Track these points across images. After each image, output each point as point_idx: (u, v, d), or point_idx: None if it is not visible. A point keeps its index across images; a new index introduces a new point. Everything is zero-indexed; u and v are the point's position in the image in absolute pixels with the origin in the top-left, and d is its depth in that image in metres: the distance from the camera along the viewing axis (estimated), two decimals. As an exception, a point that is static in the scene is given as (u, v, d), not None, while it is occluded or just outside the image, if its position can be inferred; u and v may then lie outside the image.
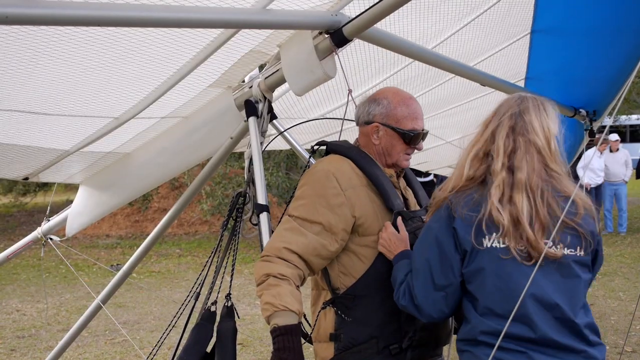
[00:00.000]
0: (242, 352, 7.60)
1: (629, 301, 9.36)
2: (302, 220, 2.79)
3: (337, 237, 2.79)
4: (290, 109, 4.45)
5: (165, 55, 2.85)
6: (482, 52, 4.21)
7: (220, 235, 3.52)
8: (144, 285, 11.59)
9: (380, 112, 2.97)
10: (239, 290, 10.78)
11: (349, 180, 2.85)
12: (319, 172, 2.88)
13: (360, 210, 2.83)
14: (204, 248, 15.66)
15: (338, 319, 2.87)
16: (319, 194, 2.81)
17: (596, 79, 4.42)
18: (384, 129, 2.97)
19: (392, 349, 2.84)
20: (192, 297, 3.51)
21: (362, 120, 3.04)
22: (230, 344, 3.14)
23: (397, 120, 2.96)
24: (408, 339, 2.84)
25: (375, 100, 3.01)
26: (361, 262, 2.85)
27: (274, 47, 3.12)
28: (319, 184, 2.83)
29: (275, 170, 15.63)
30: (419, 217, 2.97)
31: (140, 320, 9.38)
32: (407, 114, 2.97)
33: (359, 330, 2.84)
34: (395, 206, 2.88)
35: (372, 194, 2.89)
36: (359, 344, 2.84)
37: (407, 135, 2.96)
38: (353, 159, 2.95)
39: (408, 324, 2.84)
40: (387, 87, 3.13)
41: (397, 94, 3.03)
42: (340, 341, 2.86)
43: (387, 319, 2.84)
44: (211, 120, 3.67)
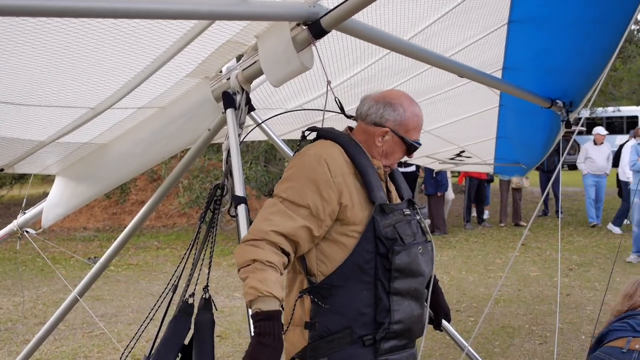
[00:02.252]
0: (220, 344, 7.59)
1: (604, 291, 9.44)
2: (290, 203, 2.80)
3: (323, 223, 2.81)
4: (268, 99, 4.44)
5: (142, 45, 2.83)
6: (459, 43, 4.22)
7: (198, 228, 3.50)
8: (121, 278, 11.54)
9: (394, 119, 3.02)
10: (217, 283, 10.76)
11: (339, 167, 2.87)
12: (311, 156, 2.88)
13: (346, 199, 2.84)
14: (182, 240, 15.60)
15: (314, 307, 2.88)
16: (309, 178, 2.82)
17: (573, 70, 4.44)
18: (392, 134, 3.01)
19: (365, 339, 2.86)
20: (169, 289, 3.49)
21: (371, 119, 3.05)
22: (208, 336, 3.14)
23: (407, 130, 3.03)
24: (382, 330, 2.86)
25: (392, 104, 3.04)
26: (340, 251, 2.86)
27: (251, 37, 3.11)
28: (310, 167, 2.84)
29: (254, 165, 15.59)
30: (400, 211, 2.98)
31: (118, 313, 9.33)
32: (416, 125, 3.06)
33: (334, 319, 2.86)
34: (378, 199, 2.90)
35: (358, 183, 2.91)
36: (333, 334, 2.86)
37: (412, 147, 3.08)
38: (344, 145, 2.97)
39: (383, 316, 2.86)
40: (402, 93, 3.16)
41: (412, 103, 3.09)
42: (315, 330, 2.88)
43: (362, 310, 2.86)
44: (188, 111, 3.66)
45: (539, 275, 10.89)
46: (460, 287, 10.32)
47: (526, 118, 5.77)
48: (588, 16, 3.81)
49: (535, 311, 8.79)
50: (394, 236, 2.87)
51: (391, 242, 2.85)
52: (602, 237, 14.50)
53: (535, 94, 4.59)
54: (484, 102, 5.71)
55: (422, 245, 2.99)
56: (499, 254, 13.02)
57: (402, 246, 2.87)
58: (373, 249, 2.85)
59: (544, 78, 4.64)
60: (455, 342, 4.46)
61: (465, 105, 5.77)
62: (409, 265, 2.89)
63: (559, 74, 4.56)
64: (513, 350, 7.21)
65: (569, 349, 7.15)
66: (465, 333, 7.51)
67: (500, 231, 15.90)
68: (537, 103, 4.66)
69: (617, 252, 5.35)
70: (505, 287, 10.08)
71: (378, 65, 4.22)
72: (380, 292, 2.86)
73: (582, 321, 8.18)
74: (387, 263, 2.84)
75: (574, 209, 19.18)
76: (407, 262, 2.87)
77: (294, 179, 2.85)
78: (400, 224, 2.93)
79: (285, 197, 2.81)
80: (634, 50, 21.41)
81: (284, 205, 2.80)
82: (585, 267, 11.44)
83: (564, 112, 4.81)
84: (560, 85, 4.65)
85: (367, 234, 2.86)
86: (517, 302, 9.27)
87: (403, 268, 2.86)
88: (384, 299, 2.86)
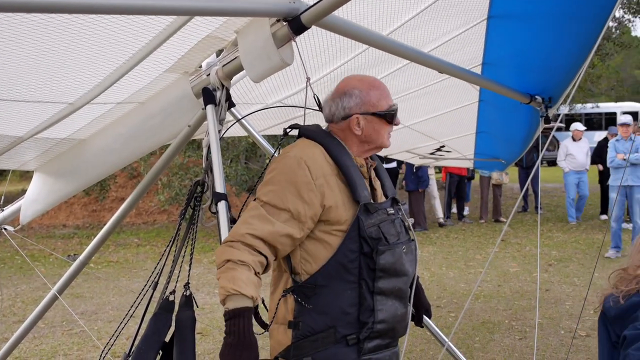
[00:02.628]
0: (201, 342, 7.58)
1: (584, 286, 9.52)
2: (271, 207, 2.77)
3: (304, 225, 2.79)
4: (247, 94, 4.43)
5: (121, 39, 2.81)
6: (439, 38, 4.22)
7: (179, 224, 3.49)
8: (101, 275, 11.49)
9: (356, 103, 2.98)
10: (198, 280, 10.74)
11: (320, 168, 2.84)
12: (291, 158, 2.85)
13: (330, 200, 2.82)
14: (162, 237, 15.56)
15: (298, 307, 2.86)
16: (290, 181, 2.79)
17: (552, 65, 4.46)
18: (363, 118, 2.98)
19: (349, 339, 2.85)
20: (150, 286, 3.47)
21: (338, 116, 3.02)
22: (189, 333, 3.12)
23: (374, 105, 2.98)
24: (366, 329, 2.85)
25: (346, 93, 3.01)
26: (325, 249, 2.84)
27: (231, 33, 3.09)
28: (290, 170, 2.81)
29: (234, 163, 15.56)
30: (384, 210, 2.97)
31: (98, 311, 9.28)
32: (379, 95, 3.00)
33: (318, 319, 2.84)
34: (362, 198, 2.87)
35: (341, 184, 2.88)
36: (316, 333, 2.84)
37: (389, 115, 3.00)
38: (325, 145, 2.94)
39: (366, 316, 2.85)
40: (349, 78, 3.12)
41: (363, 81, 3.04)
42: (299, 329, 2.85)
43: (346, 309, 2.84)
44: (168, 107, 3.64)
45: (518, 271, 10.96)
46: (441, 283, 10.36)
47: (506, 113, 5.79)
48: (566, 12, 3.83)
49: (515, 306, 8.84)
50: (379, 236, 2.85)
51: (375, 242, 2.83)
52: (581, 232, 14.61)
53: (515, 90, 4.60)
54: (463, 97, 5.73)
55: (406, 245, 2.98)
56: (479, 249, 13.09)
57: (387, 246, 2.86)
58: (357, 248, 2.83)
59: (523, 74, 4.66)
60: (435, 338, 4.47)
61: (445, 100, 5.79)
62: (393, 265, 2.88)
63: (538, 69, 4.58)
64: (493, 346, 7.25)
65: (549, 344, 7.20)
66: (445, 329, 7.54)
67: (481, 227, 15.99)
68: (517, 99, 4.68)
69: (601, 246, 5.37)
70: (485, 283, 10.13)
71: (358, 60, 4.22)
72: (364, 292, 2.84)
73: (562, 316, 8.24)
74: (371, 263, 2.83)
75: (553, 205, 19.32)
76: (391, 261, 2.86)
77: (275, 182, 2.82)
78: (385, 224, 2.91)
79: (265, 201, 2.79)
80: (611, 48, 21.58)
81: (264, 209, 2.77)
82: (564, 263, 11.52)
83: (543, 107, 4.84)
84: (540, 81, 4.68)
85: (351, 234, 2.84)
86: (497, 298, 9.32)
87: (387, 268, 2.85)
88: (368, 299, 2.85)
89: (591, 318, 8.04)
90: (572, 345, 7.01)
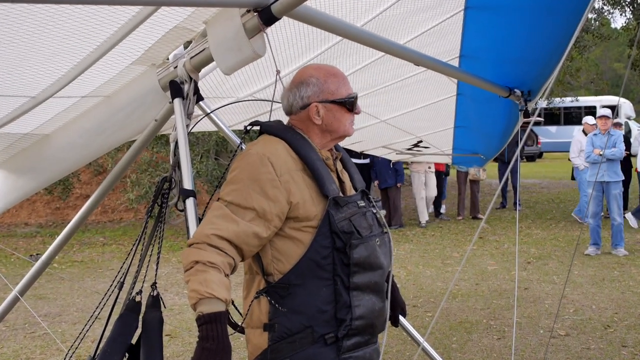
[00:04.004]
0: (169, 344, 7.55)
1: (563, 285, 9.61)
2: (235, 206, 2.76)
3: (271, 224, 2.78)
4: (217, 87, 4.41)
5: (85, 30, 2.78)
6: (415, 29, 4.23)
7: (145, 222, 3.48)
8: (65, 276, 11.40)
9: (313, 92, 2.98)
10: (166, 280, 10.70)
11: (284, 164, 2.83)
12: (253, 155, 2.84)
13: (296, 196, 2.82)
14: (129, 236, 15.47)
15: (272, 309, 2.86)
16: (253, 179, 2.78)
17: (531, 58, 4.49)
18: (322, 106, 2.97)
19: (327, 338, 2.85)
20: (116, 287, 3.46)
21: (296, 107, 3.03)
22: (157, 335, 3.12)
23: (333, 93, 2.98)
24: (344, 327, 2.85)
25: (303, 82, 3.01)
26: (296, 247, 2.84)
27: (199, 23, 3.08)
28: (253, 168, 2.81)
29: (204, 158, 15.49)
30: (354, 203, 2.98)
31: (62, 313, 9.22)
32: (337, 83, 3.00)
33: (294, 319, 2.84)
34: (330, 192, 2.87)
35: (308, 179, 2.88)
36: (293, 334, 2.84)
37: (349, 102, 3.00)
38: (288, 141, 2.94)
39: (344, 313, 2.85)
40: (305, 67, 3.13)
41: (320, 69, 3.05)
42: (275, 331, 2.85)
43: (322, 307, 2.84)
44: (134, 100, 3.61)
45: (496, 269, 11.04)
46: (417, 281, 10.41)
47: (484, 107, 5.82)
48: (545, 3, 3.86)
49: (493, 305, 8.90)
50: (350, 229, 2.86)
51: (348, 236, 2.84)
52: (560, 229, 14.75)
53: (493, 83, 4.63)
54: (441, 91, 5.75)
55: (379, 237, 2.99)
56: (457, 247, 13.17)
57: (360, 239, 2.86)
58: (330, 244, 2.83)
59: (502, 66, 4.69)
60: (411, 338, 4.49)
61: (422, 93, 5.80)
62: (368, 259, 2.88)
63: (517, 62, 4.61)
64: (471, 346, 7.30)
65: (527, 343, 7.26)
66: (422, 329, 7.58)
67: (458, 224, 16.08)
68: (495, 92, 4.71)
69: (576, 244, 5.42)
70: (462, 282, 10.20)
71: (331, 51, 4.22)
72: (339, 288, 2.85)
73: (541, 315, 8.31)
74: (345, 258, 2.83)
75: (532, 202, 19.49)
76: (365, 255, 2.87)
77: (238, 181, 2.82)
78: (356, 217, 2.92)
79: (229, 201, 2.78)
80: (590, 40, 21.80)
81: (229, 208, 2.77)
82: (543, 260, 11.62)
83: (522, 101, 4.87)
84: (518, 73, 4.70)
85: (322, 229, 2.84)
86: (475, 297, 9.38)
87: (362, 262, 2.86)
88: (344, 295, 2.85)
89: (570, 317, 8.13)
90: (551, 344, 7.08)
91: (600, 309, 8.52)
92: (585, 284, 9.79)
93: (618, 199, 12.03)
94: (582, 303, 8.79)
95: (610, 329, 7.70)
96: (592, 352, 6.95)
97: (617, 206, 12.01)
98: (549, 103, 31.38)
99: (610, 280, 9.98)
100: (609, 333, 7.55)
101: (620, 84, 47.60)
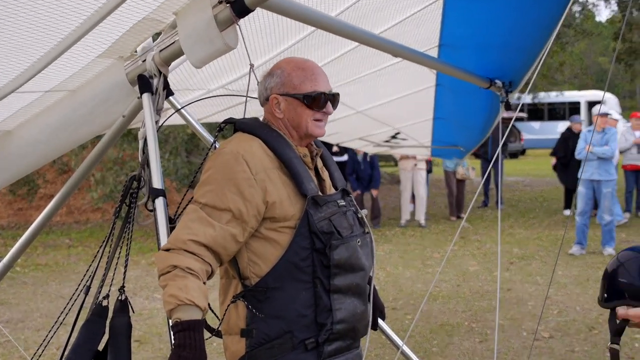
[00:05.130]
0: (139, 350, 7.51)
1: (547, 285, 9.65)
2: (210, 208, 2.75)
3: (248, 225, 2.77)
4: (187, 80, 4.38)
5: (48, 23, 2.75)
6: (392, 17, 4.22)
7: (113, 223, 3.45)
8: (28, 280, 11.31)
9: (276, 83, 2.98)
10: (136, 283, 10.64)
11: (260, 162, 2.82)
12: (227, 154, 2.83)
13: (273, 195, 2.81)
14: (96, 237, 15.36)
15: (249, 314, 2.85)
16: (228, 179, 2.77)
17: (512, 47, 4.50)
18: (283, 99, 2.96)
19: (308, 343, 2.84)
20: (82, 291, 3.43)
21: (262, 98, 3.04)
22: (125, 341, 3.10)
23: (295, 86, 2.95)
24: (325, 332, 2.85)
25: (270, 74, 3.02)
26: (273, 249, 2.83)
27: (169, 14, 3.06)
28: (228, 167, 2.79)
29: (172, 156, 15.41)
30: (334, 202, 2.97)
31: (25, 319, 9.14)
32: (303, 77, 2.96)
33: (272, 325, 2.83)
34: (309, 191, 2.87)
35: (285, 177, 2.88)
36: (272, 340, 2.83)
37: (308, 98, 2.95)
38: (263, 138, 2.93)
39: (324, 317, 2.85)
40: (283, 59, 3.12)
41: (290, 62, 3.04)
42: (253, 337, 2.84)
43: (302, 312, 2.84)
44: (100, 94, 3.57)
45: (478, 270, 11.10)
46: (397, 283, 10.43)
47: (464, 98, 5.84)
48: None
49: (474, 307, 8.95)
50: (330, 230, 2.85)
51: (328, 237, 2.83)
52: (543, 229, 14.85)
53: (474, 74, 4.64)
54: (419, 81, 5.76)
55: (360, 238, 2.98)
56: (437, 247, 13.21)
57: (340, 240, 2.85)
58: (309, 245, 2.83)
59: (483, 56, 4.70)
60: (390, 342, 4.49)
61: (400, 84, 5.81)
62: (349, 260, 2.88)
63: (498, 51, 4.62)
64: (452, 349, 7.34)
65: (510, 346, 7.31)
66: (402, 332, 7.59)
67: (439, 224, 16.14)
68: (476, 83, 4.72)
69: (561, 243, 5.44)
70: (443, 283, 10.24)
71: (306, 42, 4.21)
72: (319, 291, 2.84)
73: (524, 317, 8.36)
74: (325, 259, 2.83)
75: (514, 200, 19.62)
76: (346, 256, 2.87)
77: (212, 181, 2.81)
78: (336, 217, 2.91)
79: (204, 203, 2.77)
80: (572, 35, 21.95)
81: (204, 211, 2.76)
82: (526, 261, 11.70)
83: (503, 92, 4.89)
84: (499, 64, 4.72)
85: (301, 230, 2.83)
86: (456, 298, 9.42)
87: (342, 263, 2.86)
88: (325, 298, 2.84)
89: (554, 319, 8.19)
90: (535, 347, 7.13)
91: (584, 310, 8.60)
92: (570, 284, 9.87)
93: (609, 198, 12.12)
94: (566, 304, 8.86)
95: (595, 330, 7.78)
96: (577, 354, 7.01)
97: (607, 205, 12.09)
98: (534, 98, 31.57)
99: (595, 280, 10.04)
100: (594, 335, 7.62)
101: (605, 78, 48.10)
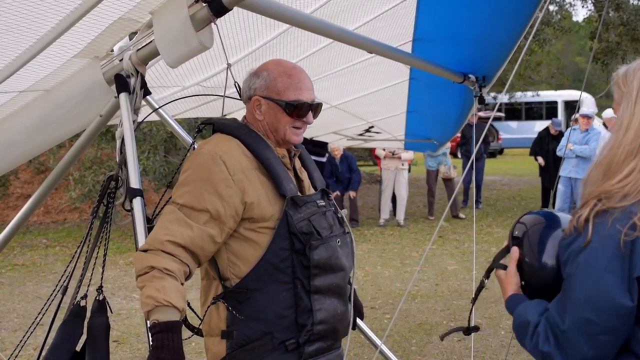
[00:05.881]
0: (117, 350, 7.48)
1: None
2: (188, 209, 2.76)
3: (226, 226, 2.78)
4: (163, 77, 4.37)
5: (24, 23, 2.74)
6: (367, 13, 4.23)
7: (90, 223, 3.44)
8: (5, 280, 11.22)
9: (260, 85, 2.98)
10: (114, 283, 10.59)
11: (238, 163, 2.83)
12: (205, 155, 2.84)
13: (251, 196, 2.81)
14: (74, 237, 15.27)
15: (230, 315, 2.86)
16: (205, 179, 2.78)
17: (485, 42, 4.53)
18: (265, 102, 2.97)
19: (288, 344, 2.86)
20: (59, 291, 3.42)
21: (245, 96, 3.05)
22: (103, 341, 3.10)
23: (278, 92, 2.95)
24: (305, 332, 2.86)
25: (257, 74, 3.02)
26: (253, 250, 2.84)
27: (145, 14, 3.06)
28: (205, 168, 2.80)
29: (151, 155, 15.35)
30: (314, 202, 2.98)
31: (1, 319, 9.08)
32: (289, 84, 2.96)
33: (253, 326, 2.84)
34: (287, 191, 2.88)
35: (263, 178, 2.89)
36: (252, 341, 2.84)
37: (290, 106, 2.95)
38: (242, 139, 2.93)
39: (305, 317, 2.86)
40: (271, 60, 3.13)
41: (278, 65, 3.03)
42: (233, 338, 2.85)
43: (282, 312, 2.85)
44: (77, 94, 3.56)
45: (457, 269, 11.15)
46: (375, 282, 10.46)
47: (438, 92, 5.88)
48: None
49: (453, 306, 8.99)
50: (310, 230, 2.86)
51: (307, 237, 2.84)
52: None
53: (447, 69, 4.66)
54: (393, 75, 5.78)
55: (340, 238, 3.00)
56: (416, 247, 13.25)
57: (320, 240, 2.87)
58: (288, 245, 2.84)
59: (456, 51, 4.73)
60: (369, 341, 4.51)
61: (374, 78, 5.83)
62: (328, 260, 2.89)
63: (471, 46, 4.65)
64: (431, 348, 7.37)
65: (488, 345, 7.35)
66: (381, 331, 7.60)
67: (417, 223, 16.17)
68: (449, 78, 4.75)
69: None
70: (422, 282, 10.27)
71: (281, 39, 4.22)
72: (300, 292, 2.85)
73: (502, 316, 8.40)
74: (304, 260, 2.84)
75: (492, 199, 19.70)
76: (325, 257, 2.88)
77: (190, 182, 2.81)
78: (315, 217, 2.92)
79: (182, 203, 2.78)
80: (550, 33, 22.05)
81: (182, 212, 2.76)
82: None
83: (477, 87, 4.93)
84: (473, 58, 4.75)
85: (280, 230, 2.84)
86: (435, 298, 9.46)
87: (322, 264, 2.87)
88: (305, 299, 2.86)
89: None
90: (513, 346, 7.16)
91: (562, 308, 8.63)
92: (547, 283, 9.90)
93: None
94: (544, 303, 8.90)
95: (572, 328, 7.81)
96: (554, 352, 7.05)
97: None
98: (510, 97, 31.71)
99: (572, 278, 10.11)
100: (571, 333, 7.66)
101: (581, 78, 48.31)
